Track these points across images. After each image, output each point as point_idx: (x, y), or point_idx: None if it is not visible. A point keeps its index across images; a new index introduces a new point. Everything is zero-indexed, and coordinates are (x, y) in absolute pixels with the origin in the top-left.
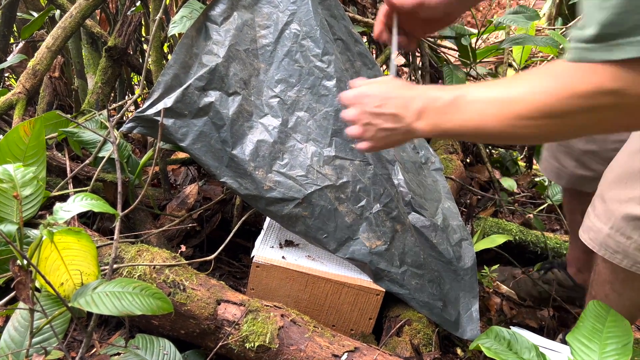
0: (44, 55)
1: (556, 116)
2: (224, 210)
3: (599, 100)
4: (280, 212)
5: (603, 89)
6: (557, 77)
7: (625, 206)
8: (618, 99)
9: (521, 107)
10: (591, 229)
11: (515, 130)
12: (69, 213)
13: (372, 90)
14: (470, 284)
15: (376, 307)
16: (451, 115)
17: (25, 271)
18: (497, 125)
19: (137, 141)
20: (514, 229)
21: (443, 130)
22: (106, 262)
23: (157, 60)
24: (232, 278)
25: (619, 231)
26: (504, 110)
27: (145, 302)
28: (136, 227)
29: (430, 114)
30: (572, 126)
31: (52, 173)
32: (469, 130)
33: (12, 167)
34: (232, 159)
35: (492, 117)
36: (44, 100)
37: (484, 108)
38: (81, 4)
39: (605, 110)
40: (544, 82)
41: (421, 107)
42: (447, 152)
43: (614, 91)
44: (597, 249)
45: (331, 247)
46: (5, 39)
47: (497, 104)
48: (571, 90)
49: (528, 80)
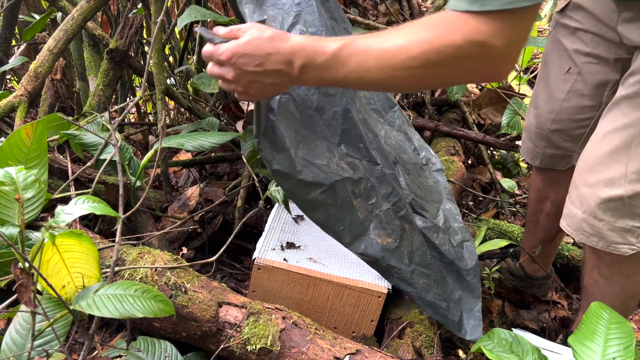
0: (46, 58)
1: (431, 65)
2: (225, 212)
3: (466, 51)
4: (305, 196)
5: (471, 40)
6: (434, 27)
7: (594, 189)
8: (483, 50)
9: (400, 59)
10: (567, 215)
11: (394, 80)
12: (71, 216)
13: (246, 48)
14: (472, 285)
15: (378, 309)
16: (334, 69)
17: (27, 274)
18: (377, 75)
19: (138, 143)
20: (515, 231)
21: (328, 81)
22: (108, 265)
23: (158, 63)
24: (234, 280)
25: (591, 214)
26: (384, 61)
27: (147, 304)
28: (138, 229)
29: (313, 69)
30: (442, 75)
31: (54, 175)
32: (353, 81)
33: (14, 170)
34: (274, 130)
35: (373, 68)
36: (46, 103)
37: (365, 60)
38: (83, 6)
39: (470, 60)
40: (422, 33)
41: (303, 63)
42: (449, 154)
43: (480, 43)
44: (574, 234)
45: (346, 241)
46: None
47: (377, 55)
48: (445, 40)
49: (408, 31)
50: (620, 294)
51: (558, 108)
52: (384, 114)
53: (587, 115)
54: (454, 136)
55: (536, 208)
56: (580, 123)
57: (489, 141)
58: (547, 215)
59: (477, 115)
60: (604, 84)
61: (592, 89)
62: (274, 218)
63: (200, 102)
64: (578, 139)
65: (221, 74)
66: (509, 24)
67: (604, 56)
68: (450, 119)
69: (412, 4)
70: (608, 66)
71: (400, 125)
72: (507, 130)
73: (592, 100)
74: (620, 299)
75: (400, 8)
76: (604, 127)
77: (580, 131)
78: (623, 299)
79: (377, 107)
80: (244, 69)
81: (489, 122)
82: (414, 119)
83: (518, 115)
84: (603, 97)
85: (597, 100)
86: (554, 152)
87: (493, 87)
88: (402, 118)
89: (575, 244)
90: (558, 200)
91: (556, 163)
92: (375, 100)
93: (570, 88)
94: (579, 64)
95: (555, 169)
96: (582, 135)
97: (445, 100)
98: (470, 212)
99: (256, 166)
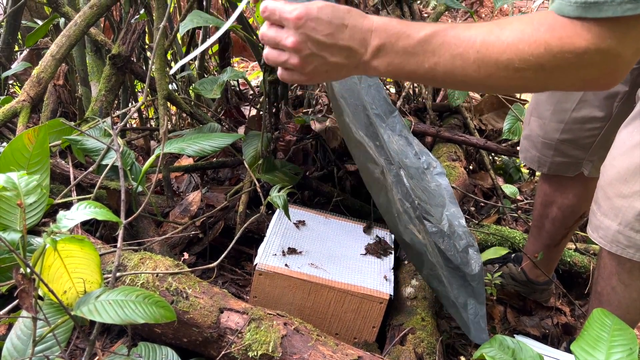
0: (49, 63)
1: (542, 70)
2: (226, 217)
3: (589, 58)
4: (373, 173)
5: (596, 47)
6: (551, 30)
7: (630, 201)
8: (605, 57)
9: (507, 57)
10: (599, 227)
11: (492, 79)
12: (73, 221)
13: (321, 13)
14: (478, 291)
15: (379, 315)
16: (420, 58)
17: (29, 279)
18: (473, 72)
19: (140, 148)
20: (517, 237)
21: (405, 72)
22: (109, 270)
23: (160, 68)
24: (235, 286)
25: (628, 226)
26: (487, 57)
27: (148, 310)
28: (139, 234)
29: (391, 53)
30: (552, 81)
31: (56, 180)
32: (439, 74)
33: (16, 175)
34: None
35: (471, 64)
36: (48, 108)
37: (461, 53)
38: (85, 12)
39: (589, 67)
40: (536, 34)
41: (381, 43)
42: (450, 160)
43: (604, 50)
44: (608, 246)
45: (400, 227)
46: (9, 46)
47: (479, 50)
48: (566, 44)
49: (517, 28)
50: (638, 300)
51: (567, 118)
52: (385, 119)
53: (597, 125)
54: (455, 142)
55: (542, 213)
56: (590, 132)
57: (491, 147)
58: (553, 220)
59: (478, 121)
60: (613, 96)
61: (602, 100)
62: (275, 223)
63: (202, 108)
64: (588, 147)
65: (278, 38)
66: (630, 31)
67: None
68: (451, 125)
69: (414, 9)
70: None
71: (400, 130)
72: (509, 136)
73: (602, 111)
74: (636, 306)
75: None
76: (632, 137)
77: (589, 140)
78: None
79: (378, 112)
80: (311, 36)
81: (491, 127)
82: (416, 125)
83: (519, 121)
84: (613, 107)
85: (607, 111)
86: (563, 160)
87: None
88: (402, 123)
89: (577, 250)
90: (565, 206)
91: (564, 170)
92: (376, 105)
93: (581, 98)
94: None
95: (563, 176)
96: (591, 144)
97: (446, 106)
98: (472, 217)
99: (258, 171)
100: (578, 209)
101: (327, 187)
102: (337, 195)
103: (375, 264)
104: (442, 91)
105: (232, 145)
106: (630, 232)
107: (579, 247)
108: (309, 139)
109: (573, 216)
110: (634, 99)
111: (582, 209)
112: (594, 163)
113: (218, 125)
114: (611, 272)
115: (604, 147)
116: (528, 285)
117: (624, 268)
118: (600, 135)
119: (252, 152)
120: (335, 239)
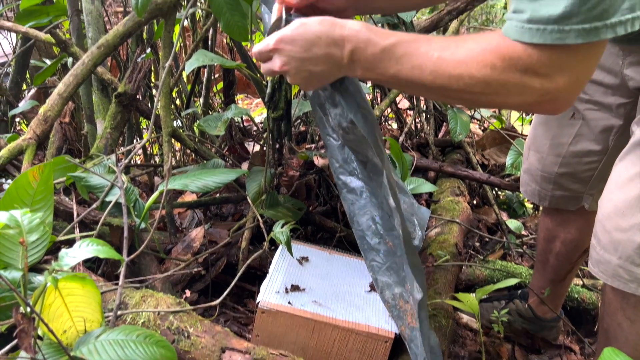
0: (56, 102)
1: (490, 87)
2: (229, 253)
3: (528, 81)
4: None
5: (533, 71)
6: (496, 50)
7: (629, 234)
8: (542, 83)
9: (459, 72)
10: (600, 261)
11: (445, 90)
12: (75, 259)
13: (294, 33)
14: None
15: (385, 355)
16: (385, 64)
17: (28, 319)
18: (429, 82)
19: (144, 184)
20: (523, 272)
21: (376, 75)
22: (110, 308)
23: (165, 106)
24: (237, 324)
25: (628, 260)
26: (442, 70)
27: (149, 350)
28: (141, 271)
29: (362, 58)
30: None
31: (59, 217)
32: (401, 81)
33: (20, 213)
34: None
35: (427, 74)
36: (54, 145)
37: (421, 64)
38: (93, 52)
39: (530, 91)
40: (482, 53)
41: (353, 48)
42: (454, 195)
43: (542, 75)
44: (609, 281)
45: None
46: (18, 85)
47: (436, 62)
48: (507, 66)
49: (469, 47)
50: None
51: (564, 152)
52: None
53: (595, 159)
54: (458, 177)
55: (545, 248)
56: (588, 166)
57: (494, 182)
58: (557, 255)
59: (481, 156)
60: (608, 129)
61: (598, 134)
62: (278, 260)
63: (206, 144)
64: (587, 181)
65: (271, 68)
66: (563, 60)
67: (604, 102)
68: (454, 160)
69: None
70: (610, 112)
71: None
72: (512, 171)
73: (599, 145)
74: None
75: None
76: (628, 171)
77: (588, 173)
78: None
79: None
80: (291, 55)
81: (493, 162)
82: (418, 160)
83: (522, 156)
84: (609, 141)
85: (603, 144)
86: (563, 193)
87: (496, 128)
88: None
89: (584, 286)
90: (568, 240)
91: (565, 204)
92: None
93: (577, 132)
94: (581, 111)
95: (564, 209)
96: (590, 177)
97: (448, 142)
98: (477, 253)
99: (261, 206)
100: (581, 244)
101: (330, 222)
102: (340, 231)
103: (379, 301)
104: (444, 127)
105: (236, 181)
106: (631, 266)
107: (586, 282)
108: (312, 174)
109: (577, 251)
110: (629, 132)
111: (586, 244)
112: (594, 196)
113: (222, 161)
114: (616, 307)
115: (603, 180)
116: (536, 322)
117: (629, 303)
118: (599, 168)
119: (256, 188)
120: (339, 275)
